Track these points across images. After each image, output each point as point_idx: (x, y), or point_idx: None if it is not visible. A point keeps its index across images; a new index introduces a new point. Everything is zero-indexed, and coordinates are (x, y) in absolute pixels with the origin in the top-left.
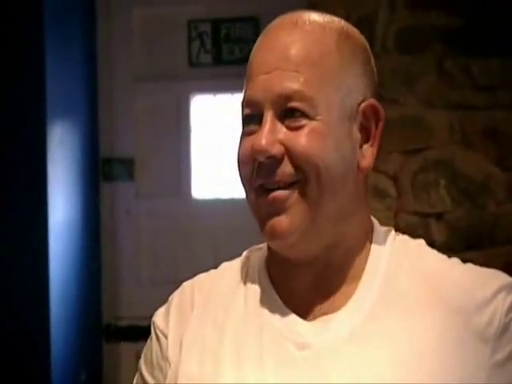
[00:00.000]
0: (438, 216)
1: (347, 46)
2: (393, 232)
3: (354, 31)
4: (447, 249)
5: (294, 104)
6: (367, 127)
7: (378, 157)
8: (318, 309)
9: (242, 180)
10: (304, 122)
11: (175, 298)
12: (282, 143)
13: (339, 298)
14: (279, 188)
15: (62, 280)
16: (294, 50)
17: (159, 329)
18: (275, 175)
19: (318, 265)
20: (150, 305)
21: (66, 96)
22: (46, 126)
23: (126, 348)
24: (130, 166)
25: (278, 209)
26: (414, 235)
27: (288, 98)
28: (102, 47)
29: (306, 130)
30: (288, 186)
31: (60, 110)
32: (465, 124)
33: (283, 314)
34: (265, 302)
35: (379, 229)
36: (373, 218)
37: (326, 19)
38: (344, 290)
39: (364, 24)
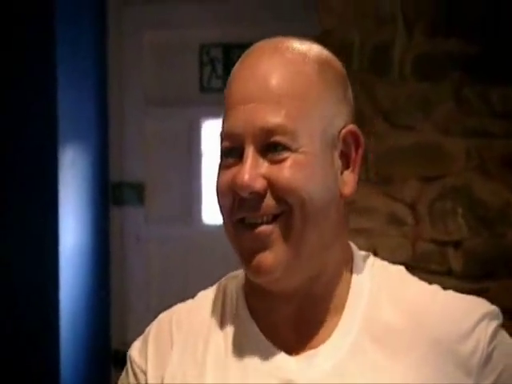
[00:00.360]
0: (456, 244)
1: (328, 74)
2: (371, 257)
3: (333, 58)
4: (464, 277)
5: (277, 138)
6: (347, 153)
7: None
8: (301, 343)
9: (221, 211)
10: (286, 154)
11: (152, 331)
12: (264, 177)
13: (323, 331)
14: (263, 223)
15: (72, 305)
16: (275, 80)
17: (137, 364)
18: (259, 209)
19: (300, 297)
20: None
21: (78, 120)
22: (58, 150)
23: None
24: (140, 191)
25: (263, 244)
26: (430, 263)
27: (270, 132)
28: (113, 71)
29: (288, 163)
30: (271, 220)
31: (71, 133)
32: (482, 151)
33: (266, 349)
34: (246, 336)
35: (358, 255)
36: (351, 244)
37: (305, 46)
38: (327, 321)
39: (380, 51)
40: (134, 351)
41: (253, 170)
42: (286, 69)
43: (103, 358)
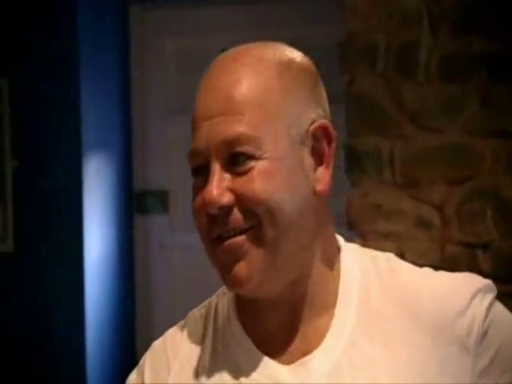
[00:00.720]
0: (485, 246)
1: (290, 73)
2: (358, 248)
3: (297, 56)
4: (494, 279)
5: (239, 149)
6: (319, 149)
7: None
8: (295, 350)
9: (199, 233)
10: (251, 164)
11: (147, 360)
12: (231, 191)
13: (315, 335)
14: (235, 235)
15: (98, 314)
16: (234, 91)
17: None
18: (228, 223)
19: (287, 302)
20: None
21: (101, 129)
22: (81, 159)
23: None
24: (164, 199)
25: (236, 255)
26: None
27: (231, 143)
28: (135, 79)
29: (254, 173)
30: (243, 231)
31: (95, 142)
32: (510, 151)
33: (260, 362)
34: (239, 351)
35: (346, 249)
36: (338, 237)
37: (265, 49)
38: (319, 323)
39: (406, 52)
40: (131, 382)
41: (219, 185)
42: (246, 76)
43: (129, 367)
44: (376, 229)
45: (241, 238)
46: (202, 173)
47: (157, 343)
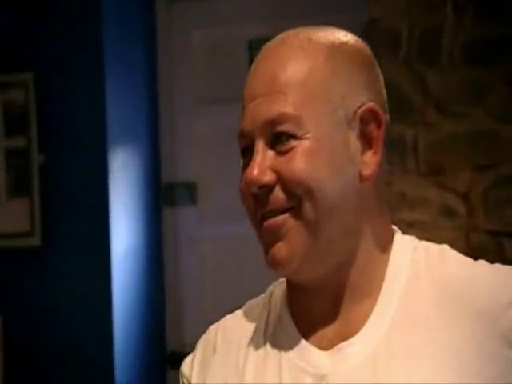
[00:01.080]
0: (511, 234)
1: (340, 55)
2: (415, 241)
3: (350, 39)
4: None
5: (281, 128)
6: (368, 133)
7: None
8: (335, 335)
9: (247, 213)
10: (294, 143)
11: (200, 342)
12: (273, 170)
13: (357, 320)
14: (277, 214)
15: (126, 307)
16: (280, 72)
17: (185, 377)
18: (270, 203)
19: (332, 286)
20: None
21: (127, 121)
22: (108, 152)
23: None
24: (193, 191)
25: (276, 236)
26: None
27: (274, 122)
28: (162, 70)
29: (295, 153)
30: (284, 211)
31: (121, 134)
32: None
33: (300, 346)
34: (284, 337)
35: (400, 239)
36: (394, 227)
37: (317, 32)
38: (361, 308)
39: (429, 37)
40: (184, 366)
41: (261, 164)
42: (291, 57)
43: (159, 360)
44: (400, 217)
45: (282, 218)
46: (248, 154)
47: (212, 326)
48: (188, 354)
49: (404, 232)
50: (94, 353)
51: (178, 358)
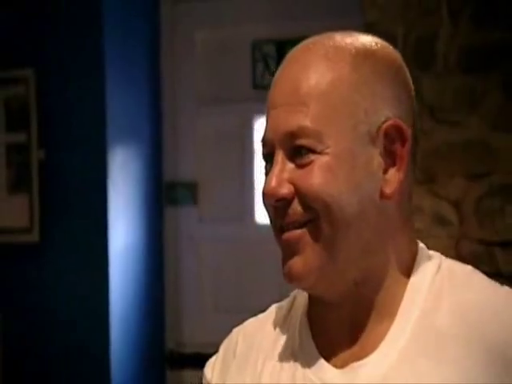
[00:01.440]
0: (504, 244)
1: (365, 66)
2: (438, 260)
3: (380, 48)
4: None
5: (300, 141)
6: (392, 150)
7: (404, 181)
8: (349, 353)
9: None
10: (312, 157)
11: (223, 345)
12: (291, 183)
13: (372, 340)
14: (293, 228)
15: (123, 306)
16: (302, 82)
17: (206, 379)
18: (287, 216)
19: (350, 303)
20: (214, 331)
21: (129, 119)
22: (107, 149)
23: (189, 376)
24: (194, 190)
25: (293, 250)
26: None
27: (293, 135)
28: (165, 69)
29: (314, 167)
30: (301, 225)
31: (122, 133)
32: None
33: (314, 362)
34: (301, 348)
35: (423, 258)
36: (421, 245)
37: (344, 39)
38: (377, 329)
39: (424, 43)
40: (207, 367)
41: (279, 176)
42: (316, 67)
43: (157, 359)
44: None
45: (299, 232)
46: (268, 161)
47: (235, 330)
48: (186, 353)
49: None
50: (92, 351)
51: (176, 358)
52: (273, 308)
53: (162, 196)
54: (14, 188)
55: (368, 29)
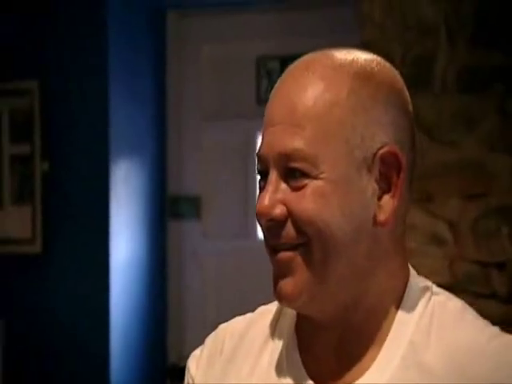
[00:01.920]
0: (500, 265)
1: (364, 90)
2: (429, 293)
3: (380, 70)
4: (509, 300)
5: (294, 164)
6: (387, 176)
7: (399, 207)
8: (335, 375)
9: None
10: (306, 181)
11: (208, 340)
12: (284, 204)
13: (359, 367)
14: (286, 249)
15: (124, 319)
16: (300, 102)
17: (190, 372)
18: (279, 237)
19: (339, 326)
20: None
21: (133, 133)
22: (110, 162)
23: None
24: (197, 205)
25: (284, 271)
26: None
27: (288, 157)
28: (170, 84)
29: (307, 191)
30: (293, 247)
31: (125, 146)
32: None
33: (300, 378)
34: (287, 364)
35: (415, 286)
36: (412, 272)
37: (344, 59)
38: (367, 355)
39: (422, 63)
40: (191, 360)
41: (272, 197)
42: (312, 88)
43: (159, 372)
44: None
45: (291, 254)
46: (263, 178)
47: (222, 325)
48: None
49: None
50: (92, 362)
51: (178, 372)
52: (262, 310)
53: (166, 210)
54: (18, 199)
55: (365, 47)
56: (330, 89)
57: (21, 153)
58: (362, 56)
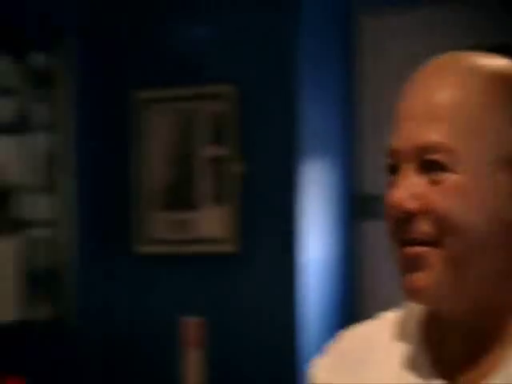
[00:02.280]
0: None
1: (502, 89)
2: None
3: None
4: None
5: (434, 156)
6: None
7: None
8: (465, 376)
9: (387, 230)
10: (444, 176)
11: (331, 347)
12: (418, 198)
13: (486, 366)
14: (419, 243)
15: (312, 320)
16: (440, 97)
17: (314, 380)
18: (412, 232)
19: (469, 327)
20: None
21: (322, 133)
22: (300, 164)
23: None
24: (380, 204)
25: (415, 266)
26: None
27: (428, 149)
28: (358, 85)
29: (445, 186)
30: (424, 243)
31: (313, 148)
32: None
33: (428, 380)
34: (414, 364)
35: None
36: None
37: (480, 62)
38: (491, 356)
39: None
40: (313, 368)
41: (406, 189)
42: (451, 85)
43: None
44: None
45: (424, 249)
46: (394, 172)
47: (344, 333)
48: None
49: None
50: (278, 361)
51: None
52: (382, 314)
53: (357, 209)
54: (216, 200)
55: None
56: (466, 87)
57: (218, 155)
58: (497, 59)
